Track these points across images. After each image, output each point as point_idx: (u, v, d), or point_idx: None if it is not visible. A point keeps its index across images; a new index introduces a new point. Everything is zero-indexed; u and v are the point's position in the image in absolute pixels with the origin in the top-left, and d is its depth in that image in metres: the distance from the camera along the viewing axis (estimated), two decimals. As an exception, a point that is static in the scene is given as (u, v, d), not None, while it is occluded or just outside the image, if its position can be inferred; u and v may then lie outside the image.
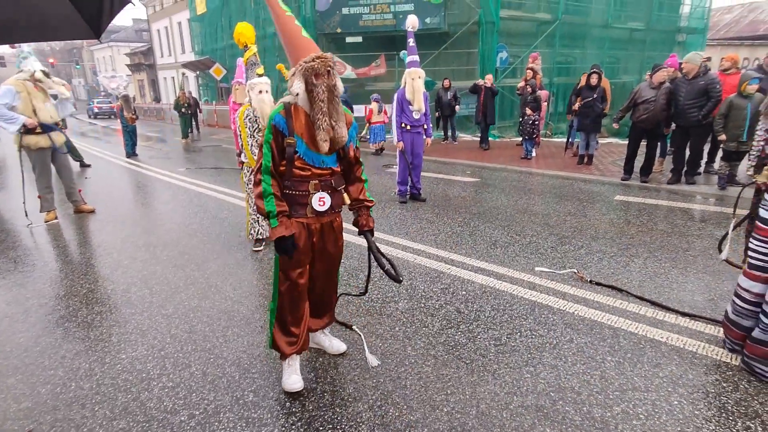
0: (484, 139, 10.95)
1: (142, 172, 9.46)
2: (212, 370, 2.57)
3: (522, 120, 9.34)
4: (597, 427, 2.09)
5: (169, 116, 23.68)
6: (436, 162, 9.45)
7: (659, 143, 7.08)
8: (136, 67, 39.29)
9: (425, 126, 6.07)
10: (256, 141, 4.21)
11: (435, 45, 13.26)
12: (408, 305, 3.29)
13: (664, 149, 7.68)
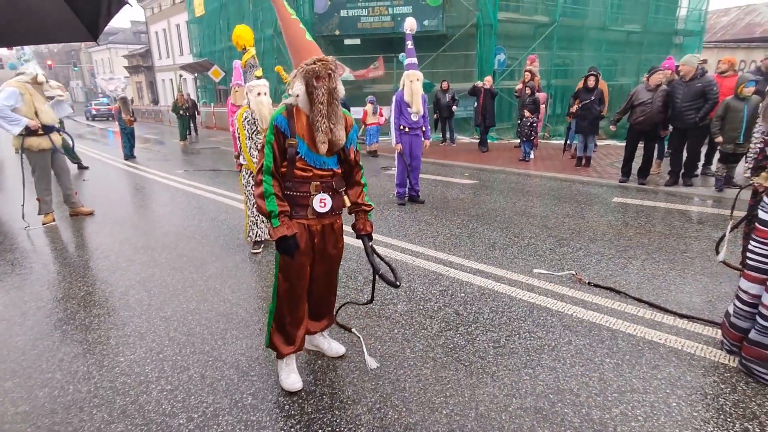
0: (484, 141, 10.92)
1: (140, 174, 9.45)
2: (211, 372, 2.57)
3: (520, 122, 9.36)
4: (596, 429, 2.09)
5: (168, 118, 23.65)
6: (435, 164, 9.47)
7: (657, 145, 7.10)
8: (134, 69, 39.29)
9: (424, 128, 6.08)
10: (254, 143, 4.21)
11: (433, 47, 13.30)
12: (407, 307, 3.30)
13: (662, 151, 7.71)
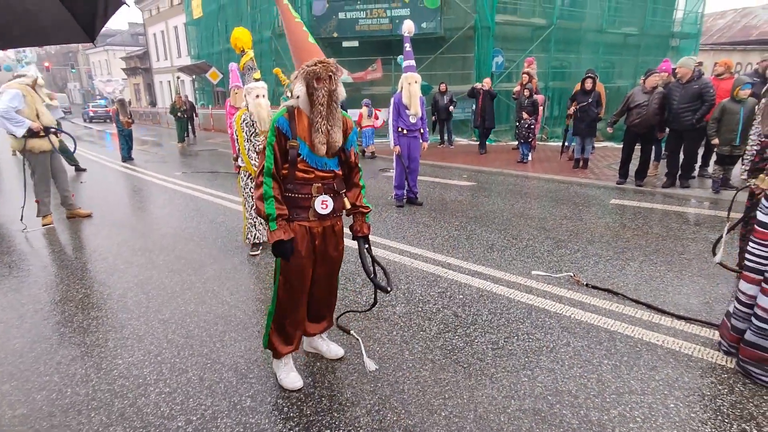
0: (483, 143, 10.92)
1: (138, 176, 9.43)
2: (209, 375, 2.56)
3: (518, 124, 9.39)
4: (594, 431, 2.09)
5: (165, 120, 23.63)
6: (433, 166, 9.48)
7: (654, 147, 7.13)
8: (132, 71, 39.26)
9: (422, 130, 6.10)
10: (252, 145, 4.21)
11: (431, 49, 13.33)
12: (405, 309, 3.30)
13: (659, 153, 7.75)
